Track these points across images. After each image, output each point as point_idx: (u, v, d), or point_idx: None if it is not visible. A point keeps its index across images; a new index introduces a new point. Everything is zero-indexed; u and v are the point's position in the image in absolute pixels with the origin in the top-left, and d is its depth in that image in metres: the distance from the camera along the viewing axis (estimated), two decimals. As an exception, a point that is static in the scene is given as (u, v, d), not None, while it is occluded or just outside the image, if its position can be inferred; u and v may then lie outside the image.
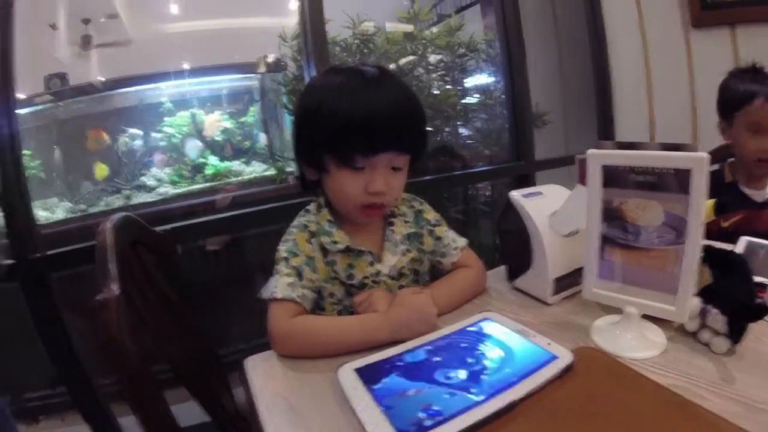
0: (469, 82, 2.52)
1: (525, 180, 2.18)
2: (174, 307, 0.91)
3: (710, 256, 0.74)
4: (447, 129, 2.48)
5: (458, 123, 2.52)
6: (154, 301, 0.80)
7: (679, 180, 0.58)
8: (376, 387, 0.56)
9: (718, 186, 1.32)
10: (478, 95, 2.55)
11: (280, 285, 0.78)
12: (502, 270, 0.95)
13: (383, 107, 0.79)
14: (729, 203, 0.75)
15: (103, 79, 2.60)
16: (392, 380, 0.57)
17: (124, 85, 2.52)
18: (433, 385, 0.55)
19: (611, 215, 0.64)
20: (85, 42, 2.71)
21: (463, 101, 2.46)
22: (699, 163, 0.56)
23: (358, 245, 0.86)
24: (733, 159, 1.35)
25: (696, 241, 0.58)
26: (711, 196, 1.32)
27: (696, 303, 0.64)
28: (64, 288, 1.39)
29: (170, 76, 2.59)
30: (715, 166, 1.46)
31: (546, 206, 0.82)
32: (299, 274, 0.81)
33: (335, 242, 0.85)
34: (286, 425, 0.57)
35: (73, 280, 1.39)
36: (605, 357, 0.62)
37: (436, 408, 0.51)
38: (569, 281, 0.81)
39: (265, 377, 0.69)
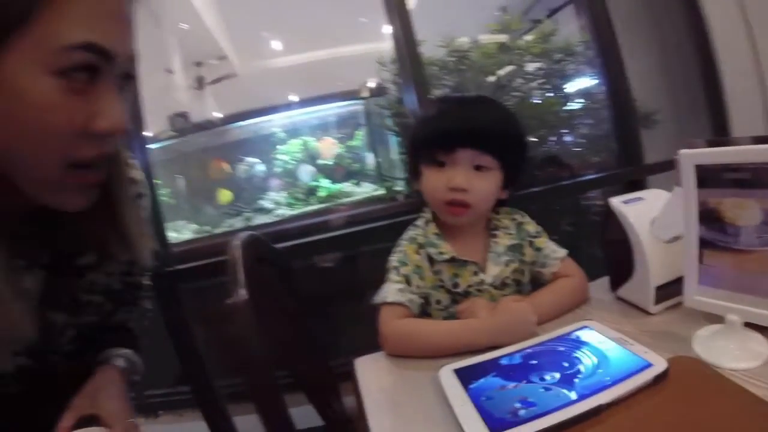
0: (571, 86, 2.46)
1: (636, 186, 2.02)
2: (292, 316, 1.01)
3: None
4: (552, 138, 2.43)
5: (563, 131, 2.46)
6: (275, 310, 0.90)
7: (775, 174, 0.55)
8: (472, 386, 0.60)
9: None
10: (581, 100, 2.47)
11: (390, 290, 0.87)
12: (605, 281, 0.94)
13: (467, 112, 0.93)
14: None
15: (220, 115, 2.90)
16: (488, 380, 0.61)
17: (239, 119, 2.78)
18: (528, 383, 0.59)
19: (709, 217, 0.63)
20: (199, 82, 3.10)
21: (565, 108, 2.40)
22: (793, 153, 0.54)
23: (463, 256, 0.92)
24: None
25: (799, 240, 0.56)
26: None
27: (805, 310, 0.60)
28: (191, 299, 1.58)
29: (280, 109, 2.82)
30: None
31: (647, 211, 0.81)
32: (408, 281, 0.89)
33: (441, 253, 0.92)
34: (389, 418, 0.63)
35: (199, 293, 1.60)
36: (702, 367, 0.60)
37: (531, 400, 0.55)
38: (673, 289, 0.77)
39: (373, 375, 0.77)
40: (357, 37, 3.37)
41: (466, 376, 0.63)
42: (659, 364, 0.58)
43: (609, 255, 0.91)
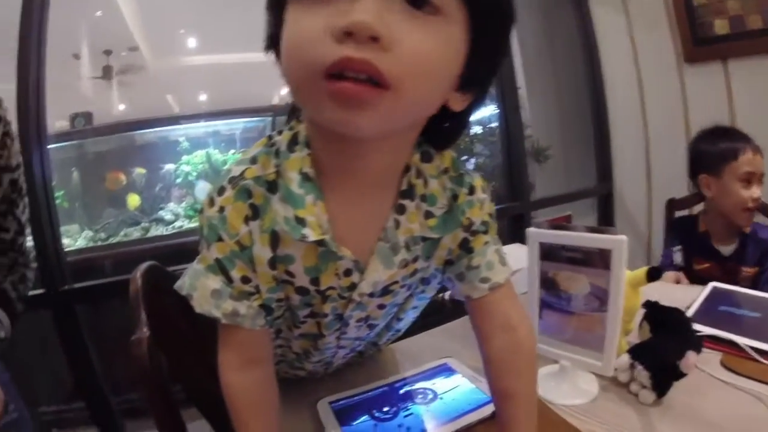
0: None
1: (520, 220, 2.22)
2: (189, 338, 1.04)
3: (652, 313, 0.83)
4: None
5: (463, 158, 2.59)
6: (173, 335, 0.93)
7: (602, 258, 0.70)
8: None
9: (690, 234, 1.42)
10: (479, 127, 2.64)
11: (202, 296, 0.54)
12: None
13: None
14: (662, 270, 0.85)
15: (123, 108, 2.79)
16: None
17: (145, 126, 2.70)
18: (385, 420, 0.71)
19: (548, 284, 0.77)
20: (107, 72, 2.89)
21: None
22: (619, 244, 0.69)
23: (343, 239, 0.53)
24: (705, 210, 1.42)
25: (616, 309, 0.70)
26: (683, 243, 1.41)
27: (625, 359, 0.74)
28: (87, 311, 1.55)
29: (187, 119, 2.78)
30: (686, 212, 1.57)
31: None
32: (226, 273, 0.53)
33: (302, 222, 0.49)
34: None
35: (96, 307, 1.61)
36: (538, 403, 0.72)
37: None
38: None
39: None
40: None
41: (341, 412, 0.73)
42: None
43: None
